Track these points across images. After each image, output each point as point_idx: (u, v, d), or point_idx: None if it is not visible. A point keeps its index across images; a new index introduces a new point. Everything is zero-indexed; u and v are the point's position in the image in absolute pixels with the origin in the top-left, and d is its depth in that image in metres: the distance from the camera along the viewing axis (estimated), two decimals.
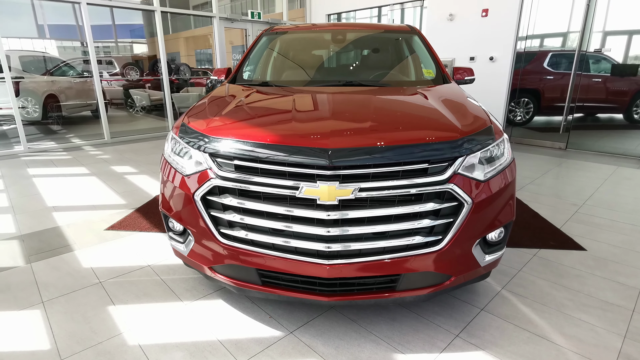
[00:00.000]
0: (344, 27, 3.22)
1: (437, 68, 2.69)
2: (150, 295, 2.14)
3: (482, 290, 2.20)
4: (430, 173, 1.54)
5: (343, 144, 1.51)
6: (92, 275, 2.35)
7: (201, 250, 1.77)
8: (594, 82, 5.78)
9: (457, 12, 6.47)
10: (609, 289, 2.21)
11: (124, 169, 4.81)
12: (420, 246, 1.58)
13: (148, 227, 3.03)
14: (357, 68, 3.01)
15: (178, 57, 12.35)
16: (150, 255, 2.59)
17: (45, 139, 6.58)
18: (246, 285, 1.75)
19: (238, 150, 1.59)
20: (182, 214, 1.77)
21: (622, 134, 5.82)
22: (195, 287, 2.22)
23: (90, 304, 2.07)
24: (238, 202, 1.60)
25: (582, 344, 1.77)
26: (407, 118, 1.82)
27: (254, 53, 2.96)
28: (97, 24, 8.34)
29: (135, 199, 3.69)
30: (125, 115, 9.29)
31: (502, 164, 1.72)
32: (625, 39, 5.35)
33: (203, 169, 1.66)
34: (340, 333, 1.84)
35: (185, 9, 8.47)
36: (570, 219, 3.22)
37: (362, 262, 1.57)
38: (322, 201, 1.49)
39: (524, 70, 6.30)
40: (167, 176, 1.85)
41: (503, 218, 1.72)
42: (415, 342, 1.78)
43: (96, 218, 3.22)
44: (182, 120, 1.95)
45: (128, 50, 10.10)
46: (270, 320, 1.94)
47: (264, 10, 9.52)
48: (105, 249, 2.68)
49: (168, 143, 1.95)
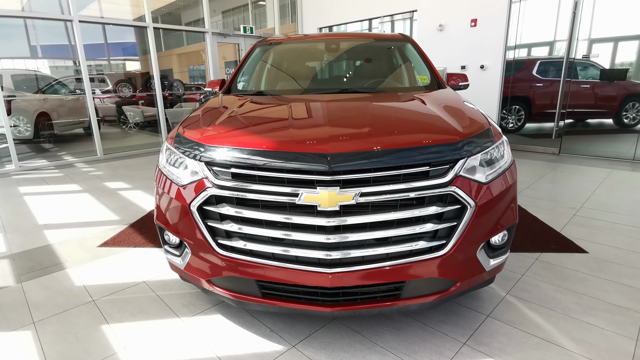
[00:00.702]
0: (337, 37, 3.24)
1: (432, 74, 2.70)
2: (145, 313, 2.07)
3: (487, 296, 2.15)
4: (431, 176, 1.52)
5: (342, 149, 1.48)
6: (85, 294, 2.27)
7: (198, 262, 1.72)
8: (584, 89, 5.87)
9: (447, 23, 6.58)
10: (615, 291, 2.18)
11: (117, 184, 4.74)
12: (424, 251, 1.54)
13: (143, 242, 2.95)
14: (352, 76, 3.02)
15: (171, 73, 12.40)
16: (145, 271, 2.52)
17: (37, 157, 6.49)
18: (246, 298, 1.69)
19: (235, 158, 1.56)
20: (178, 226, 1.72)
21: (613, 138, 5.88)
22: (193, 303, 2.15)
23: (83, 323, 1.99)
24: (236, 211, 1.56)
25: (593, 348, 1.72)
26: (406, 121, 1.80)
27: (248, 64, 2.95)
28: (90, 42, 8.37)
29: (129, 214, 3.62)
30: (119, 131, 9.24)
31: (503, 166, 1.70)
32: (611, 46, 5.47)
33: (199, 179, 1.62)
34: (345, 345, 1.78)
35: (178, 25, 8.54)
36: (570, 222, 3.20)
37: (366, 270, 1.52)
38: (323, 207, 1.45)
39: (514, 78, 6.38)
40: (162, 187, 1.81)
41: (506, 221, 1.69)
42: (422, 352, 1.72)
43: (89, 235, 3.15)
44: (177, 130, 1.91)
45: (121, 67, 10.12)
46: (271, 334, 1.87)
47: (256, 26, 9.62)
48: (99, 266, 2.60)
49: (163, 154, 1.91)
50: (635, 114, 5.63)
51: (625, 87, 5.61)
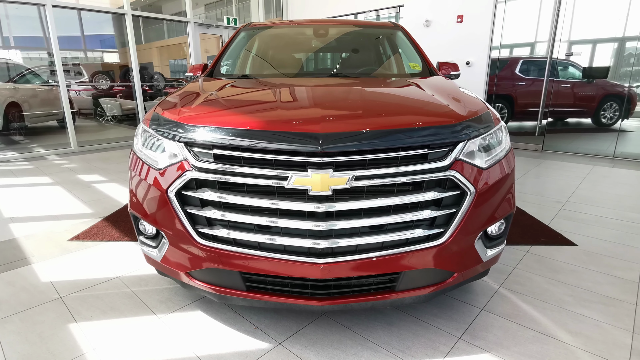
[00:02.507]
0: (326, 23, 3.12)
1: (424, 62, 2.62)
2: (118, 310, 1.91)
3: (480, 289, 2.09)
4: (430, 159, 1.42)
5: (335, 129, 1.37)
6: (52, 290, 2.09)
7: (176, 254, 1.57)
8: (565, 88, 5.96)
9: (433, 18, 6.55)
10: (607, 283, 2.15)
11: (92, 177, 4.50)
12: (421, 240, 1.45)
13: (117, 236, 2.77)
14: (342, 62, 2.91)
15: (151, 66, 12.02)
16: (119, 266, 2.34)
17: (5, 149, 6.14)
18: (228, 292, 1.56)
19: (218, 139, 1.42)
20: (155, 214, 1.57)
21: (593, 136, 6.00)
22: (171, 299, 2.00)
23: (48, 322, 1.82)
24: (218, 196, 1.42)
25: (590, 340, 1.67)
26: (403, 103, 1.71)
27: (232, 48, 2.81)
28: (67, 34, 7.99)
29: (103, 207, 3.41)
30: (95, 124, 8.88)
31: (502, 151, 1.63)
32: (589, 48, 5.58)
33: (178, 161, 1.48)
34: (334, 341, 1.67)
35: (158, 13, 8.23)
36: (557, 216, 3.19)
37: (359, 260, 1.42)
38: (315, 192, 1.34)
39: (498, 77, 6.42)
40: (137, 173, 1.65)
41: (504, 209, 1.62)
42: (416, 348, 1.63)
43: (59, 228, 2.93)
44: (154, 110, 1.76)
45: (99, 59, 9.73)
46: (256, 331, 1.74)
47: (240, 21, 9.40)
48: (68, 261, 2.41)
49: (138, 137, 1.75)
50: (612, 113, 5.75)
51: (604, 87, 5.72)
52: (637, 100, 5.49)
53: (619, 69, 5.44)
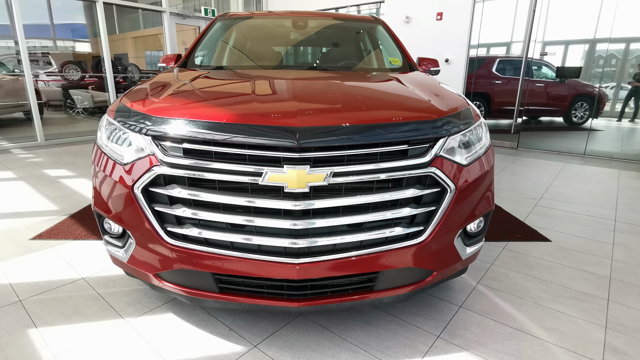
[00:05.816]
0: (306, 15, 3.04)
1: (404, 57, 2.59)
2: (82, 313, 1.80)
3: (458, 286, 2.08)
4: (410, 155, 1.38)
5: (313, 123, 1.31)
6: (10, 293, 1.95)
7: (144, 254, 1.48)
8: (539, 88, 6.11)
9: (414, 15, 6.56)
10: (580, 278, 2.19)
11: (59, 172, 4.27)
12: (400, 239, 1.42)
13: (84, 234, 2.63)
14: (321, 55, 2.85)
15: (126, 57, 11.57)
16: (85, 267, 2.22)
17: None
18: (200, 294, 1.48)
19: (188, 132, 1.34)
20: (120, 212, 1.47)
21: (565, 134, 6.18)
22: (140, 301, 1.90)
23: (5, 327, 1.69)
24: (189, 193, 1.34)
25: (565, 337, 1.69)
26: (383, 97, 1.66)
27: (208, 38, 2.69)
28: (35, 22, 7.57)
29: (70, 204, 3.23)
30: (65, 117, 8.47)
31: (482, 148, 1.61)
32: (562, 49, 5.74)
33: (144, 156, 1.39)
34: (312, 343, 1.62)
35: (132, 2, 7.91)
36: (532, 212, 3.24)
37: (337, 260, 1.37)
38: (291, 189, 1.28)
39: (475, 75, 6.51)
40: (101, 168, 1.54)
41: (484, 206, 1.60)
42: (395, 348, 1.60)
43: (20, 226, 2.76)
44: (120, 101, 1.65)
45: (70, 49, 9.28)
46: (230, 333, 1.67)
47: (219, 12, 9.15)
48: (29, 261, 2.26)
49: (102, 129, 1.64)
50: (583, 112, 5.93)
51: (576, 87, 5.89)
52: (606, 100, 5.68)
53: (589, 70, 5.61)
